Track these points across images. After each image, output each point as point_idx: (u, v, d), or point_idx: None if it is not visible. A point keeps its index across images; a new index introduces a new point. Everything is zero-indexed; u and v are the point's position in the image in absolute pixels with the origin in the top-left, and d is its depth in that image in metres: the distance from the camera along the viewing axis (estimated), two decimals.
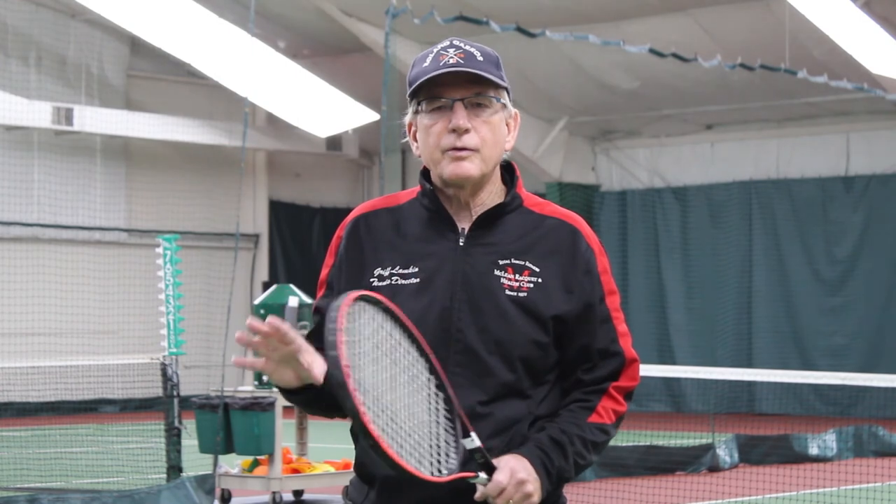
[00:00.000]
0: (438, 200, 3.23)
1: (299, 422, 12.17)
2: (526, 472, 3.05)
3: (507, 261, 3.18)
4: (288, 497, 11.80)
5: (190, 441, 11.31)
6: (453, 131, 3.15)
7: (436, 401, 3.02)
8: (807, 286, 21.97)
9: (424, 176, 3.26)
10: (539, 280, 3.17)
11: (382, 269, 3.21)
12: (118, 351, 21.89)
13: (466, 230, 3.21)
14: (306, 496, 12.02)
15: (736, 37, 19.20)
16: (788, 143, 22.45)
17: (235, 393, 11.44)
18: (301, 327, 11.39)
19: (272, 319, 2.97)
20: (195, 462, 11.83)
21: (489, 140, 3.18)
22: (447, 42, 3.21)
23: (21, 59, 22.35)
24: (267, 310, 11.57)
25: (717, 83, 20.55)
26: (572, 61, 21.09)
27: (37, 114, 21.45)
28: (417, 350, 3.03)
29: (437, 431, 2.99)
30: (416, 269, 3.19)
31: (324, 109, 23.57)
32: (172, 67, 23.66)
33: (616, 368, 3.24)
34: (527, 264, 3.18)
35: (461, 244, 3.20)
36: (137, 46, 23.41)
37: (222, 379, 11.83)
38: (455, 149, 3.15)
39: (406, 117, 3.26)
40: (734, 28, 19.30)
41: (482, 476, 3.00)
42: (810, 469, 13.70)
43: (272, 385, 11.14)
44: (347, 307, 2.88)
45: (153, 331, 11.97)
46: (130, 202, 23.74)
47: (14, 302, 21.60)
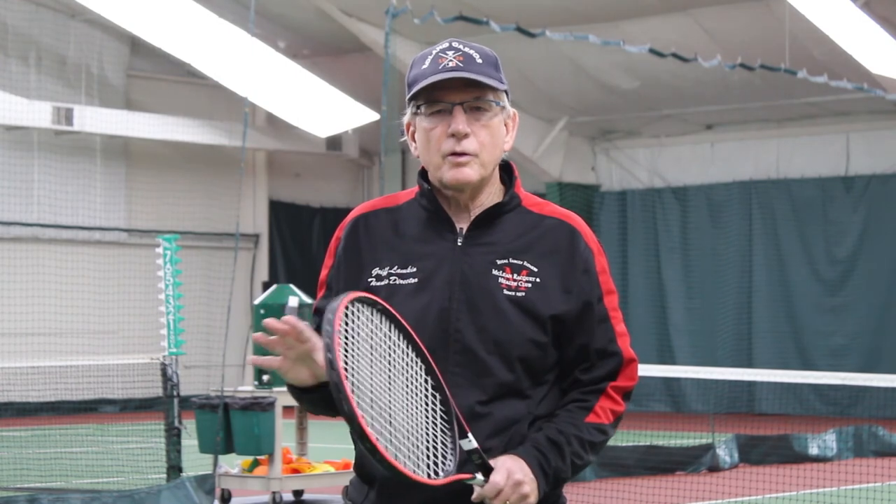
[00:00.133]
0: (437, 201, 3.23)
1: (299, 422, 12.17)
2: (522, 473, 3.05)
3: (506, 260, 3.18)
4: (288, 497, 11.80)
5: (190, 441, 11.31)
6: (453, 136, 3.14)
7: (433, 402, 3.01)
8: (807, 286, 21.96)
9: (423, 176, 3.26)
10: (537, 280, 3.16)
11: (381, 269, 3.21)
12: (118, 351, 21.89)
13: (465, 230, 3.21)
14: (306, 496, 12.01)
15: (736, 37, 19.20)
16: (788, 143, 22.44)
17: (235, 393, 11.44)
18: None
19: (289, 318, 2.99)
20: (195, 462, 11.83)
21: (488, 144, 3.17)
22: (446, 44, 3.20)
23: (21, 59, 22.34)
24: (267, 310, 11.56)
25: (717, 83, 20.55)
26: (572, 61, 21.09)
27: (37, 114, 21.45)
28: (415, 351, 3.02)
29: (435, 433, 2.99)
30: (415, 269, 3.18)
31: (324, 109, 23.56)
32: (172, 67, 23.65)
33: (614, 368, 3.23)
34: (525, 264, 3.18)
35: (459, 244, 3.19)
36: (137, 46, 23.41)
37: (222, 379, 11.84)
38: (455, 153, 3.15)
39: (405, 117, 3.26)
40: (734, 28, 19.30)
41: (479, 477, 3.00)
42: (810, 469, 13.70)
43: (272, 386, 11.20)
44: (344, 309, 2.88)
45: (153, 331, 11.97)
46: (130, 202, 23.73)
47: (14, 302, 21.59)
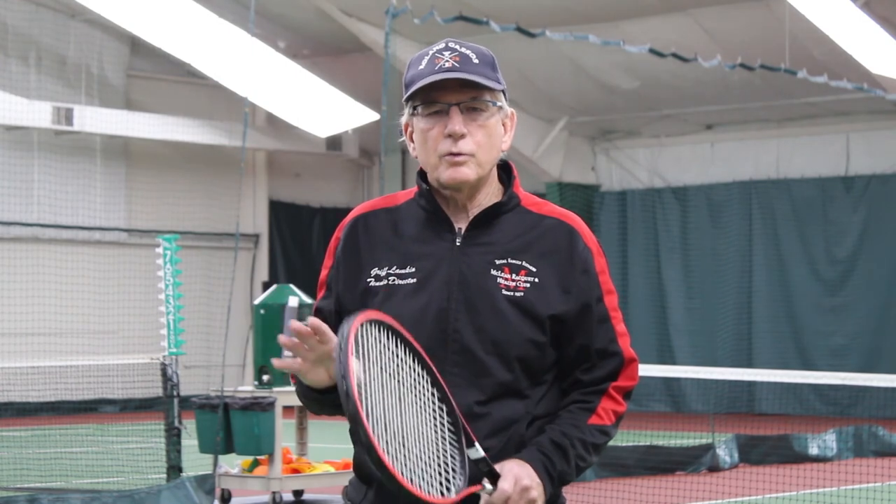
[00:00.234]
0: (435, 201, 3.22)
1: (299, 422, 12.17)
2: (529, 479, 3.06)
3: (504, 260, 3.17)
4: (288, 497, 11.79)
5: (190, 441, 11.30)
6: (449, 136, 3.14)
7: (440, 414, 3.01)
8: (807, 286, 21.96)
9: (421, 176, 3.25)
10: (536, 280, 3.16)
11: (379, 270, 3.21)
12: (118, 351, 21.88)
13: (463, 230, 3.20)
14: (306, 496, 12.01)
15: (736, 37, 19.19)
16: (788, 143, 22.43)
17: (235, 393, 11.43)
18: None
19: (312, 320, 3.01)
20: (195, 462, 11.83)
21: (485, 144, 3.17)
22: (443, 44, 3.19)
23: (21, 59, 22.35)
24: (267, 310, 11.57)
25: (717, 83, 20.55)
26: (572, 61, 21.09)
27: (37, 114, 21.45)
28: (420, 364, 3.01)
29: (444, 447, 2.99)
30: (413, 270, 3.18)
31: (324, 109, 23.56)
32: (172, 67, 23.65)
33: (615, 368, 3.23)
34: (523, 264, 3.17)
35: (458, 244, 3.19)
36: (137, 46, 23.41)
37: (222, 379, 11.84)
38: (451, 154, 3.14)
39: (402, 118, 3.26)
40: (734, 28, 19.30)
41: (487, 486, 3.01)
42: (810, 469, 13.69)
43: (272, 386, 11.20)
44: (354, 334, 2.86)
45: (153, 331, 11.97)
46: (130, 202, 23.73)
47: (14, 302, 21.59)
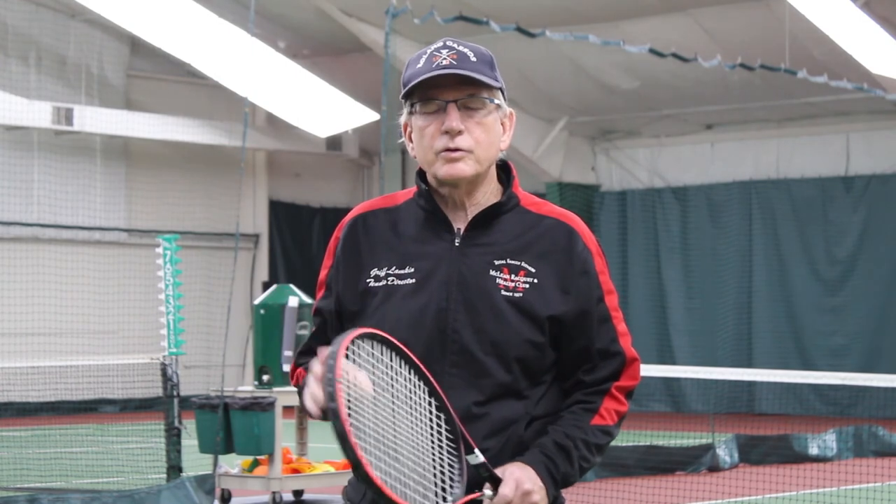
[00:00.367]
0: (434, 201, 3.22)
1: (299, 422, 12.16)
2: (531, 483, 3.05)
3: (503, 261, 3.17)
4: (288, 497, 11.79)
5: (190, 441, 11.30)
6: (446, 133, 3.14)
7: (437, 423, 2.99)
8: (807, 286, 21.95)
9: (420, 177, 3.26)
10: (535, 280, 3.16)
11: (379, 270, 3.20)
12: (118, 351, 21.88)
13: (462, 230, 3.20)
14: (306, 496, 12.01)
15: (736, 37, 19.19)
16: (788, 143, 22.43)
17: (235, 393, 11.43)
18: (301, 327, 11.39)
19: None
20: (195, 462, 11.83)
21: (483, 141, 3.17)
22: (440, 43, 3.20)
23: (21, 59, 22.34)
24: (267, 310, 11.57)
25: (717, 83, 20.55)
26: (572, 61, 21.08)
27: (37, 114, 21.44)
28: (417, 375, 2.99)
29: (441, 456, 2.98)
30: (413, 270, 3.18)
31: (324, 109, 23.56)
32: (172, 67, 23.65)
33: (617, 368, 3.23)
34: (523, 264, 3.17)
35: (457, 244, 3.19)
36: (137, 46, 23.40)
37: (222, 379, 11.84)
38: (448, 150, 3.14)
39: (401, 118, 3.25)
40: (734, 28, 19.29)
41: (487, 492, 2.99)
42: (810, 469, 13.69)
43: (272, 386, 11.20)
44: (345, 351, 2.83)
45: (153, 331, 11.97)
46: (130, 202, 23.73)
47: (14, 302, 21.59)
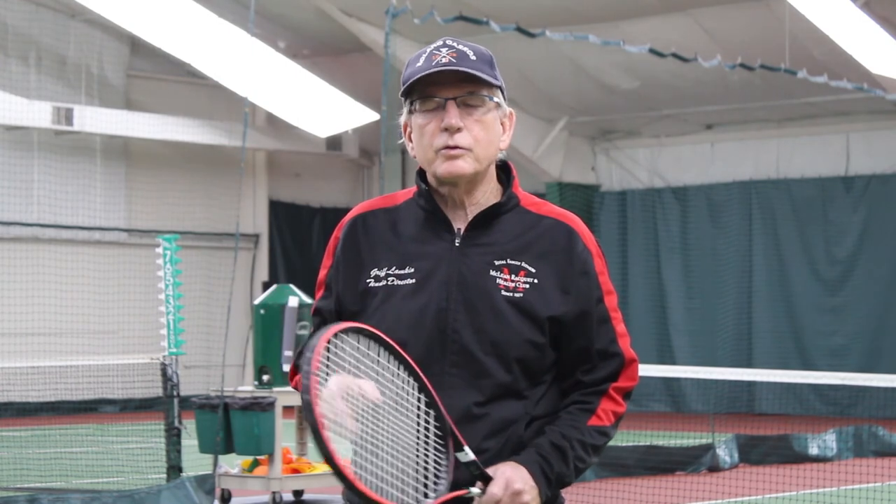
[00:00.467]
0: (434, 201, 3.22)
1: (299, 422, 12.16)
2: (522, 482, 3.02)
3: (503, 261, 3.17)
4: (288, 497, 11.79)
5: (190, 441, 11.30)
6: (446, 130, 3.14)
7: (426, 420, 2.97)
8: (807, 286, 21.95)
9: (420, 176, 3.25)
10: (535, 280, 3.15)
11: (379, 270, 3.20)
12: (118, 351, 21.88)
13: (462, 230, 3.20)
14: (306, 496, 12.01)
15: (736, 37, 19.19)
16: (788, 143, 22.43)
17: (235, 393, 11.43)
18: (301, 328, 11.39)
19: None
20: (195, 462, 11.83)
21: (482, 139, 3.17)
22: (440, 42, 3.20)
23: (21, 59, 22.34)
24: (267, 310, 11.56)
25: (717, 83, 20.55)
26: (572, 61, 21.08)
27: (37, 114, 21.44)
28: (407, 371, 2.97)
29: (426, 453, 2.95)
30: (412, 270, 3.17)
31: (324, 109, 23.56)
32: (172, 67, 23.65)
33: (615, 369, 3.22)
34: (523, 265, 3.16)
35: (457, 244, 3.18)
36: (137, 46, 23.40)
37: (222, 379, 11.84)
38: (448, 147, 3.14)
39: (401, 118, 3.25)
40: (734, 28, 19.29)
41: (475, 490, 2.94)
42: (810, 469, 13.69)
43: (272, 386, 11.19)
44: (325, 344, 2.81)
45: (153, 331, 11.97)
46: (130, 202, 23.73)
47: (14, 302, 21.59)
